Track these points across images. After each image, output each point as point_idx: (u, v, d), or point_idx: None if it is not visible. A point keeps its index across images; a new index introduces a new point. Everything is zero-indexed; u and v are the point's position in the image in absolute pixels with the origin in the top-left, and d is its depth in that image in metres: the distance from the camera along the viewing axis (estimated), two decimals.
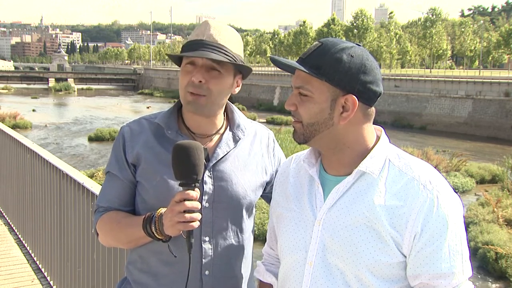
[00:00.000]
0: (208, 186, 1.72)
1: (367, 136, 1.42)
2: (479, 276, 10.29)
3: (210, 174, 1.73)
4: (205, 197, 1.71)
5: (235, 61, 1.68)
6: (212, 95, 1.68)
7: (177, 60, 1.77)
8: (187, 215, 1.48)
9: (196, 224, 1.50)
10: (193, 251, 1.68)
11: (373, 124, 1.47)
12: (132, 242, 1.73)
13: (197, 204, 1.49)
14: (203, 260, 1.72)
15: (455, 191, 1.40)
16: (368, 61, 1.38)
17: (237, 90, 1.78)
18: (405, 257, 1.34)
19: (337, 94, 1.37)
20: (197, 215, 1.50)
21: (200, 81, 1.64)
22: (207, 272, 1.72)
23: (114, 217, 1.75)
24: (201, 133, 1.78)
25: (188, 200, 1.49)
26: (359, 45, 1.41)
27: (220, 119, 1.81)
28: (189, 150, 1.49)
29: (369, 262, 1.33)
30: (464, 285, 1.34)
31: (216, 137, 1.79)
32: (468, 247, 1.36)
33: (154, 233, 1.61)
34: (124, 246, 1.85)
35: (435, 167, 1.43)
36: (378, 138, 1.45)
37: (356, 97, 1.36)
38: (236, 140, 1.80)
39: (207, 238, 1.72)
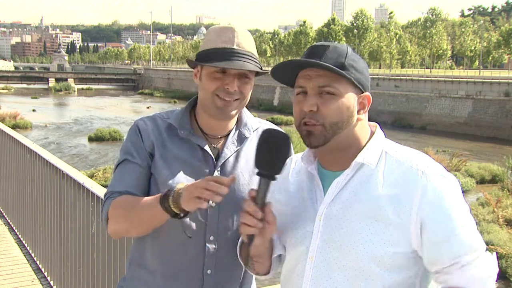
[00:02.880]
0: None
1: (366, 132, 1.48)
2: None
3: (219, 173, 1.75)
4: None
5: (261, 68, 1.73)
6: (244, 99, 1.74)
7: (193, 64, 1.77)
8: (207, 192, 1.43)
9: (206, 205, 1.44)
10: (196, 250, 1.72)
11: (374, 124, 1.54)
12: (145, 223, 1.65)
13: (224, 190, 1.44)
14: (206, 258, 1.73)
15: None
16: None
17: None
18: (411, 244, 1.35)
19: (357, 92, 1.44)
20: (218, 198, 1.44)
21: (235, 89, 1.69)
22: (209, 271, 1.74)
23: (130, 198, 1.69)
24: (214, 134, 1.80)
25: (220, 183, 1.44)
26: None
27: (234, 120, 1.83)
28: (286, 141, 1.41)
29: (372, 253, 1.34)
30: (483, 256, 1.35)
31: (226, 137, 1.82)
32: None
33: (171, 205, 1.53)
34: (135, 228, 1.72)
35: None
36: (372, 133, 1.49)
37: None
38: (242, 139, 1.81)
39: (211, 238, 1.73)
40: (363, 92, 1.46)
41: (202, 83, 1.73)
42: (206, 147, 1.76)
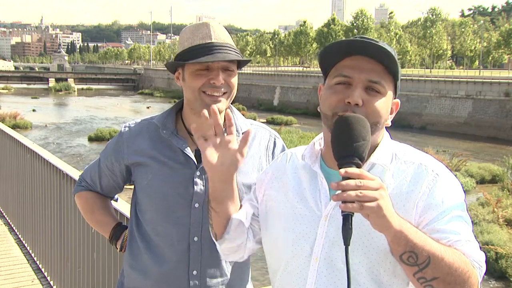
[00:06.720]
0: (199, 187, 1.73)
1: (383, 135, 1.46)
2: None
3: (201, 174, 1.74)
4: (196, 198, 1.73)
5: (242, 57, 1.73)
6: (232, 92, 1.73)
7: (173, 68, 1.76)
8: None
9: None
10: (181, 251, 1.74)
11: None
12: (94, 227, 2.15)
13: None
14: (191, 260, 1.75)
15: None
16: None
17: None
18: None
19: (393, 96, 1.42)
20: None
21: (222, 83, 1.68)
22: (194, 272, 1.75)
23: (91, 203, 2.00)
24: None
25: None
26: None
27: (221, 119, 1.80)
28: (366, 124, 1.26)
29: (383, 253, 1.30)
30: (474, 243, 1.29)
31: None
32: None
33: (117, 248, 1.96)
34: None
35: None
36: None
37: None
38: None
39: (196, 239, 1.74)
40: (395, 97, 1.43)
41: (186, 83, 1.71)
42: (187, 150, 1.75)
